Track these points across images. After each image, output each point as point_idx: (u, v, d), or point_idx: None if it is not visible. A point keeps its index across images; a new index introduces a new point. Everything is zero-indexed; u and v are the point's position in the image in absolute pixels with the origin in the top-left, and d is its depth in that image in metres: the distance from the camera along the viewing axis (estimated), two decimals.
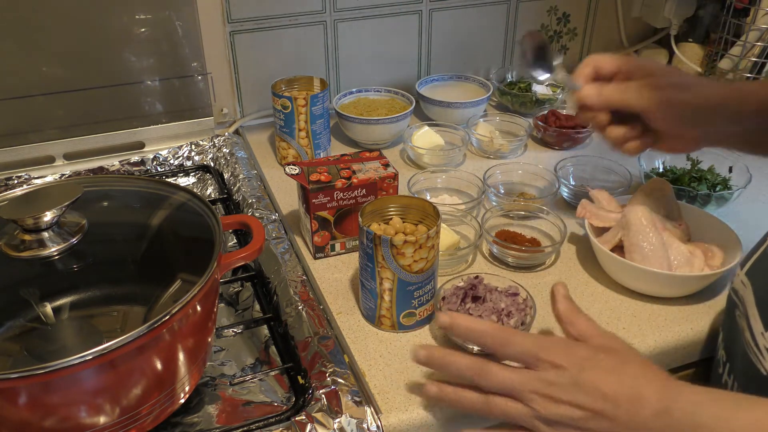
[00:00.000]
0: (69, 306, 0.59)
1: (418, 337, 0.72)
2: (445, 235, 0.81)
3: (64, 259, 0.59)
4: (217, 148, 1.06)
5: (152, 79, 1.03)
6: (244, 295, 0.80)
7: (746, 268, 0.63)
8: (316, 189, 0.78)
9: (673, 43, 1.30)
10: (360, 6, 1.13)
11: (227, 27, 1.07)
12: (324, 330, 0.70)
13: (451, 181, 0.95)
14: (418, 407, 0.63)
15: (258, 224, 0.67)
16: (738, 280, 0.64)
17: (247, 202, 0.92)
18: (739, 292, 0.63)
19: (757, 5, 1.11)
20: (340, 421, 0.60)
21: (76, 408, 0.52)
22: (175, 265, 0.64)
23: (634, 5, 1.33)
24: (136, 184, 0.72)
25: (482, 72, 1.27)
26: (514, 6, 1.24)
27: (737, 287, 0.64)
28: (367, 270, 0.70)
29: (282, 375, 0.68)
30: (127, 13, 0.97)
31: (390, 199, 0.73)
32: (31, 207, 0.59)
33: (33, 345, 0.56)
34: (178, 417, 0.64)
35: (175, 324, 0.54)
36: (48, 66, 0.96)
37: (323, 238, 0.82)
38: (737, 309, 0.63)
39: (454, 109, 1.12)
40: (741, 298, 0.62)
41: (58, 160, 1.02)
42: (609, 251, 0.76)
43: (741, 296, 0.62)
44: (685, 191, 0.89)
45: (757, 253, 0.62)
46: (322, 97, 0.99)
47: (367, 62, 1.19)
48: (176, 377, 0.58)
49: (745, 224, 0.89)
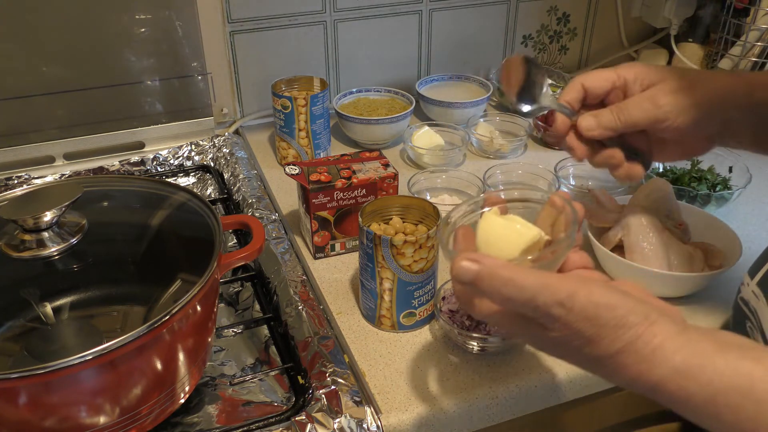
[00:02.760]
0: (69, 306, 0.59)
1: (418, 337, 0.72)
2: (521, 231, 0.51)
3: (64, 259, 0.59)
4: (217, 148, 1.06)
5: (152, 79, 1.03)
6: (244, 295, 0.80)
7: (758, 278, 0.60)
8: (316, 189, 0.78)
9: (673, 43, 1.30)
10: (360, 6, 1.13)
11: (227, 27, 1.07)
12: (324, 330, 0.70)
13: (451, 181, 0.95)
14: (418, 407, 0.64)
15: (258, 224, 0.67)
16: (748, 290, 0.61)
17: (247, 202, 0.92)
18: (751, 303, 0.60)
19: (757, 5, 1.11)
20: (340, 421, 0.60)
21: (76, 408, 0.52)
22: (175, 265, 0.64)
23: (634, 5, 1.33)
24: (136, 184, 0.72)
25: (482, 72, 1.27)
26: (514, 6, 1.24)
27: (747, 298, 0.61)
28: (367, 270, 0.70)
29: (282, 375, 0.68)
30: (127, 13, 0.97)
31: (390, 199, 0.73)
32: (31, 207, 0.59)
33: (33, 345, 0.56)
34: (178, 417, 0.64)
35: (175, 324, 0.54)
36: (48, 66, 0.96)
37: (323, 238, 0.82)
38: (748, 321, 0.60)
39: (454, 109, 1.12)
40: (753, 309, 0.60)
41: (58, 160, 1.02)
42: (609, 251, 0.76)
43: (753, 308, 0.60)
44: (685, 191, 0.89)
45: None
46: (322, 97, 0.99)
47: (367, 62, 1.19)
48: (176, 377, 0.58)
49: (745, 224, 0.89)
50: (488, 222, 0.49)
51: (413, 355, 0.69)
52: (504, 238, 0.48)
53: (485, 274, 0.43)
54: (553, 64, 1.35)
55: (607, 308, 0.42)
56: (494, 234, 0.48)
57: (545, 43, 1.32)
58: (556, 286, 0.42)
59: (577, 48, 1.35)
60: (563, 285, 0.42)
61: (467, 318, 0.69)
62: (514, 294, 0.42)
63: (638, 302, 0.43)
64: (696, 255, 0.76)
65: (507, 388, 0.66)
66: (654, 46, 1.38)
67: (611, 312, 0.42)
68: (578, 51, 1.36)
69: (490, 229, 0.48)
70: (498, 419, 0.67)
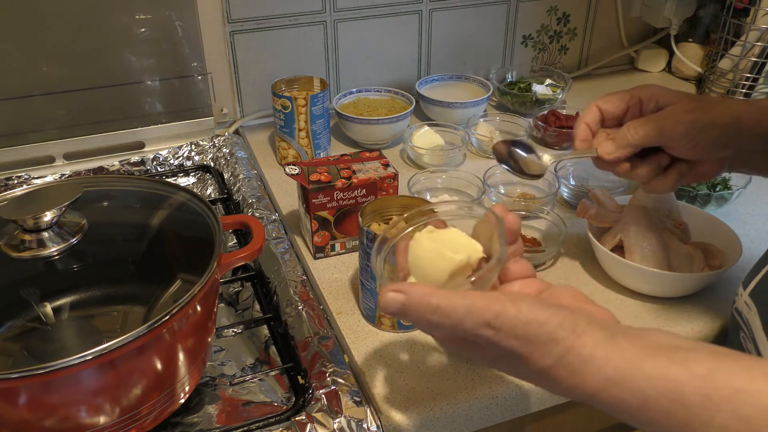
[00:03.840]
0: (69, 306, 0.59)
1: (418, 337, 0.72)
2: None
3: (64, 259, 0.59)
4: (217, 148, 1.06)
5: (152, 79, 1.03)
6: (244, 295, 0.80)
7: (749, 288, 0.60)
8: (316, 189, 0.78)
9: (673, 43, 1.30)
10: (360, 6, 1.13)
11: (227, 27, 1.07)
12: (324, 330, 0.70)
13: (451, 181, 0.95)
14: (418, 407, 0.64)
15: (258, 224, 0.67)
16: (741, 300, 0.61)
17: (247, 202, 0.92)
18: (743, 313, 0.60)
19: (757, 5, 1.11)
20: (340, 421, 0.60)
21: (76, 408, 0.52)
22: (175, 265, 0.64)
23: (634, 5, 1.33)
24: (136, 184, 0.72)
25: (482, 72, 1.28)
26: (514, 6, 1.24)
27: (741, 308, 0.61)
28: (367, 270, 0.70)
29: (282, 375, 0.68)
30: (127, 13, 0.97)
31: (390, 199, 0.73)
32: (31, 207, 0.59)
33: (33, 345, 0.56)
34: (178, 417, 0.64)
35: (175, 324, 0.54)
36: (48, 66, 0.96)
37: (323, 238, 0.82)
38: (741, 331, 0.61)
39: (454, 109, 1.12)
40: (746, 320, 0.60)
41: (58, 160, 1.02)
42: (609, 251, 0.76)
43: (746, 318, 0.60)
44: (685, 191, 0.89)
45: (760, 273, 0.59)
46: (322, 97, 0.99)
47: (367, 62, 1.19)
48: (176, 377, 0.58)
49: (745, 224, 0.89)
50: (418, 244, 0.48)
51: (413, 355, 0.69)
52: (431, 262, 0.47)
53: (411, 303, 0.43)
54: (553, 64, 1.35)
55: (535, 324, 0.42)
56: (423, 258, 0.48)
57: (545, 43, 1.32)
58: (482, 308, 0.42)
59: (577, 48, 1.35)
60: (490, 305, 0.42)
61: None
62: (441, 320, 0.42)
63: (567, 314, 0.43)
64: (696, 255, 0.76)
65: (507, 388, 0.66)
66: (654, 46, 1.38)
67: (540, 328, 0.42)
68: (578, 51, 1.36)
69: (419, 252, 0.48)
70: (498, 419, 0.67)
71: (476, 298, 0.43)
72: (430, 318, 0.43)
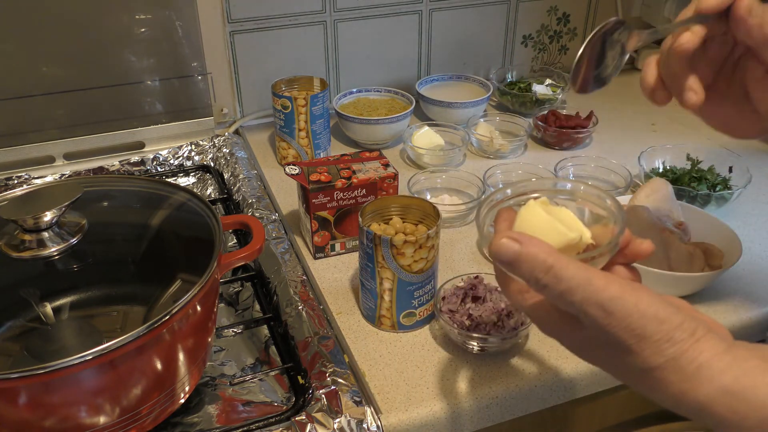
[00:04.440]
0: (69, 306, 0.59)
1: (418, 337, 0.72)
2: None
3: (64, 259, 0.59)
4: (217, 148, 1.06)
5: (152, 79, 1.03)
6: (244, 295, 0.80)
7: None
8: (316, 189, 0.78)
9: None
10: (360, 6, 1.13)
11: (227, 27, 1.07)
12: (324, 330, 0.70)
13: (451, 181, 0.95)
14: (418, 407, 0.64)
15: (258, 224, 0.67)
16: None
17: (247, 202, 0.92)
18: None
19: None
20: (340, 421, 0.60)
21: (76, 408, 0.52)
22: (175, 265, 0.64)
23: (634, 5, 1.33)
24: (136, 184, 0.72)
25: (482, 72, 1.28)
26: (514, 6, 1.24)
27: None
28: (367, 270, 0.70)
29: (282, 375, 0.68)
30: (127, 13, 0.97)
31: (390, 199, 0.73)
32: (31, 207, 0.59)
33: (33, 345, 0.56)
34: (178, 417, 0.64)
35: (175, 324, 0.54)
36: (48, 66, 0.96)
37: (323, 238, 0.82)
38: None
39: (454, 109, 1.12)
40: None
41: (58, 160, 1.02)
42: None
43: None
44: (685, 191, 0.89)
45: None
46: (322, 97, 0.99)
47: (367, 62, 1.19)
48: (176, 377, 0.58)
49: (745, 224, 0.89)
50: (530, 211, 0.46)
51: (413, 355, 0.69)
52: (542, 231, 0.44)
53: (526, 255, 0.40)
54: (553, 64, 1.35)
55: (654, 320, 0.39)
56: (534, 225, 0.45)
57: (545, 43, 1.32)
58: (599, 287, 0.39)
59: (577, 48, 1.35)
60: (609, 286, 0.39)
61: (467, 318, 0.69)
62: (551, 283, 0.40)
63: (688, 317, 0.40)
64: (696, 255, 0.76)
65: (507, 388, 0.66)
66: (654, 46, 1.38)
67: (658, 325, 0.39)
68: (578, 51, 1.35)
69: (531, 219, 0.45)
70: (498, 419, 0.67)
71: (595, 274, 0.40)
72: (540, 277, 0.40)
